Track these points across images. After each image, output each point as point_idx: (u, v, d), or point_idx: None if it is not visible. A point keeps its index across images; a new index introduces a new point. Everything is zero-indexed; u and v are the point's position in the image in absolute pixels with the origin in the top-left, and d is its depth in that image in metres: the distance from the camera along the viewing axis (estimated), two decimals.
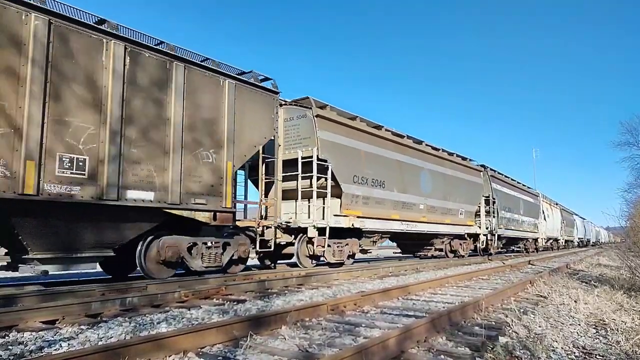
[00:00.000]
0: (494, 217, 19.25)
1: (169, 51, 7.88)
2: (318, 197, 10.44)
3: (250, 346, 3.53)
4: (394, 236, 14.30)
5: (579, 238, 43.87)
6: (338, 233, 10.77)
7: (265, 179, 10.09)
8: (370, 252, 13.61)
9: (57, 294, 5.84)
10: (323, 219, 10.47)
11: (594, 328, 4.67)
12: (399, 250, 17.31)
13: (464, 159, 18.06)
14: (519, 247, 25.54)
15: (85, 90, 6.72)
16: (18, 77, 6.03)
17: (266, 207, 10.28)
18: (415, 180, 14.10)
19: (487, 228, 19.04)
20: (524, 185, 26.07)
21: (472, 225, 17.93)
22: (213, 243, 8.52)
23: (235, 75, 9.05)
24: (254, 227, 9.56)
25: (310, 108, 10.75)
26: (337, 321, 4.66)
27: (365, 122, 12.65)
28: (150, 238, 7.77)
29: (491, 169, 20.47)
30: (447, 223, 15.94)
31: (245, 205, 11.17)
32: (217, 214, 8.37)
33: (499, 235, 19.70)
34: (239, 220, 9.45)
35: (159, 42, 7.90)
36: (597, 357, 3.62)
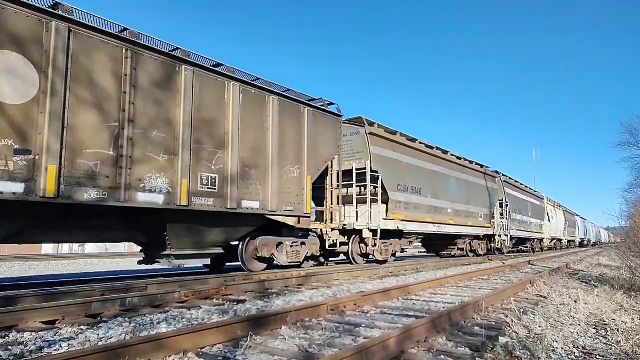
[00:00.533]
0: (506, 219, 20.84)
1: (266, 87, 9.56)
2: (371, 203, 11.94)
3: (250, 346, 3.53)
4: (425, 237, 15.71)
5: (580, 238, 45.44)
6: (383, 234, 12.21)
7: (330, 185, 11.83)
8: (406, 251, 15.49)
9: (57, 294, 5.84)
10: (373, 222, 11.92)
11: (594, 328, 4.67)
12: (424, 250, 18.82)
13: (481, 166, 19.82)
14: (527, 247, 26.79)
15: (216, 125, 8.42)
16: (175, 120, 7.74)
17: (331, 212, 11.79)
18: (444, 187, 15.83)
19: (501, 229, 20.32)
20: (531, 189, 27.94)
21: (489, 227, 19.31)
22: (294, 242, 10.12)
23: (311, 103, 10.71)
24: (322, 229, 11.29)
25: (363, 126, 12.45)
26: (337, 321, 4.66)
27: (404, 136, 14.34)
28: (248, 238, 9.44)
29: (504, 175, 22.23)
30: (469, 225, 17.42)
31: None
32: (300, 218, 10.07)
33: (510, 236, 21.33)
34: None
35: (255, 78, 9.43)
36: (597, 357, 3.62)
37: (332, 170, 11.69)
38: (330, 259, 12.75)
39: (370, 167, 11.88)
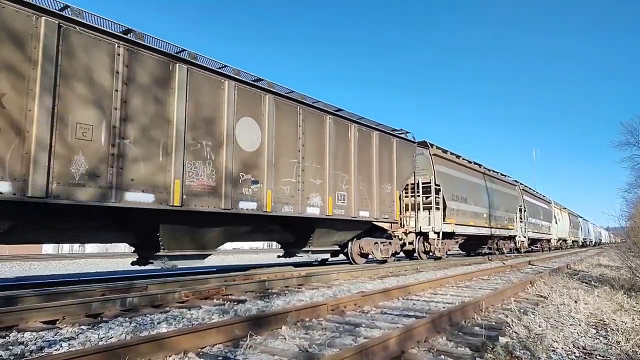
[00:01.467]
0: (524, 222, 24.23)
1: (373, 125, 12.49)
2: (436, 210, 14.63)
3: (250, 346, 3.53)
4: (467, 238, 17.93)
5: (583, 238, 48.66)
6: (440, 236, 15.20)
7: (405, 197, 14.52)
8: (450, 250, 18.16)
9: (57, 294, 5.84)
10: (436, 225, 14.66)
11: (594, 328, 4.67)
12: (460, 250, 21.53)
13: (504, 175, 23.27)
14: (537, 247, 29.97)
15: (345, 158, 11.39)
16: (324, 155, 10.76)
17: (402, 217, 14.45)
18: (481, 196, 19.04)
19: (520, 231, 23.56)
20: (542, 195, 31.81)
21: (512, 229, 22.50)
22: (384, 242, 12.92)
23: (396, 134, 13.54)
24: (402, 231, 14.10)
25: (427, 148, 15.44)
26: (337, 321, 4.66)
27: (453, 154, 17.31)
28: (355, 239, 12.55)
29: (521, 183, 25.97)
30: (498, 227, 20.43)
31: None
32: (392, 224, 13.14)
33: (527, 237, 24.92)
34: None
35: (361, 117, 12.24)
36: (597, 357, 3.62)
37: (408, 185, 14.62)
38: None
39: (434, 182, 14.79)
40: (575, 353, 3.70)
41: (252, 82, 8.98)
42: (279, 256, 12.26)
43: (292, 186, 9.61)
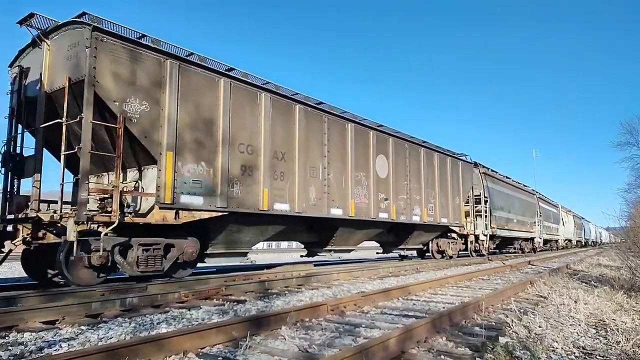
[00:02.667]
0: (540, 225, 28.33)
1: (443, 152, 16.45)
2: (485, 217, 18.65)
3: (250, 346, 3.53)
4: (501, 239, 21.72)
5: (585, 238, 52.73)
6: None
7: (465, 205, 17.84)
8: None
9: (57, 294, 5.84)
10: (487, 230, 18.70)
11: (594, 328, 4.67)
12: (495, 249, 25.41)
13: (525, 185, 27.62)
14: (547, 247, 33.63)
15: (430, 179, 15.29)
16: (422, 175, 15.11)
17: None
18: (512, 204, 23.15)
19: (537, 233, 27.62)
20: (551, 200, 35.82)
21: (532, 232, 26.66)
22: (452, 242, 16.90)
23: (461, 158, 17.59)
24: (465, 233, 17.81)
25: (478, 167, 19.34)
26: (337, 321, 4.66)
27: (494, 171, 21.60)
28: (433, 239, 16.35)
29: (538, 192, 30.39)
30: (523, 231, 24.65)
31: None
32: (460, 228, 17.02)
33: (542, 239, 29.28)
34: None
35: (437, 145, 16.04)
36: (597, 357, 3.62)
37: (468, 197, 18.39)
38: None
39: (483, 194, 18.75)
40: (575, 353, 3.70)
41: (340, 114, 11.76)
42: (377, 252, 17.59)
43: (404, 201, 13.67)
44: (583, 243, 49.78)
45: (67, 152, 6.85)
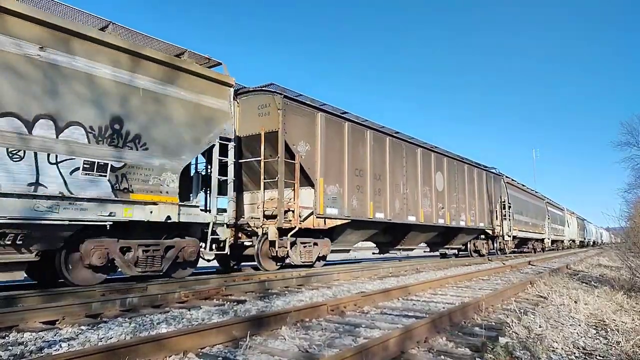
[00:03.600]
0: (549, 227, 31.86)
1: (479, 166, 19.46)
2: (509, 221, 21.63)
3: (250, 346, 3.53)
4: (520, 240, 25.25)
5: (587, 239, 56.05)
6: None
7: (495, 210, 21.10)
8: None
9: (57, 294, 5.84)
10: (511, 231, 21.82)
11: (594, 328, 4.67)
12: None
13: (536, 192, 31.42)
14: (554, 246, 35.94)
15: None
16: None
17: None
18: (527, 208, 26.80)
19: (547, 235, 31.30)
20: (558, 204, 38.81)
21: (543, 234, 30.45)
22: (486, 242, 20.29)
23: (491, 171, 20.90)
24: (496, 234, 20.81)
25: (502, 177, 22.39)
26: (337, 322, 4.66)
27: (514, 181, 25.18)
28: (471, 240, 19.49)
29: (547, 197, 33.67)
30: (535, 232, 28.36)
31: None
32: (492, 230, 20.02)
33: (551, 239, 33.02)
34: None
35: (465, 157, 18.69)
36: (597, 357, 3.62)
37: (497, 204, 21.21)
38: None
39: (507, 201, 21.87)
40: (575, 353, 3.70)
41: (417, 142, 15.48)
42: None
43: (454, 209, 16.77)
44: (585, 243, 53.41)
45: (267, 180, 10.01)
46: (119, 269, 7.43)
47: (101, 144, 7.04)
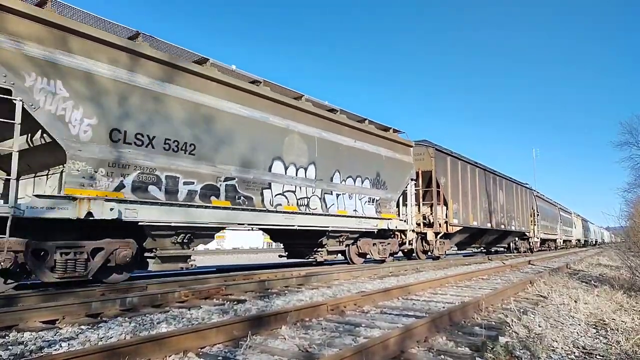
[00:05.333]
0: (561, 229, 37.18)
1: (514, 181, 24.19)
2: (537, 225, 27.53)
3: (250, 346, 3.53)
4: (542, 240, 30.28)
5: (590, 238, 60.44)
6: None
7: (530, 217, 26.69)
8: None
9: (57, 294, 5.84)
10: (536, 233, 27.47)
11: (594, 328, 4.67)
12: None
13: (550, 199, 35.80)
14: (564, 245, 40.32)
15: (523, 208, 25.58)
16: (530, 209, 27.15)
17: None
18: (547, 214, 32.00)
19: (559, 236, 36.61)
20: (567, 208, 43.78)
21: (556, 235, 35.37)
22: (525, 242, 26.46)
23: (524, 185, 25.60)
24: (533, 236, 26.78)
25: (532, 190, 27.84)
26: (337, 321, 4.66)
27: (539, 192, 30.66)
28: (515, 240, 25.66)
29: (559, 203, 38.82)
30: (552, 234, 33.60)
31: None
32: (528, 232, 25.35)
33: (562, 240, 38.66)
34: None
35: (511, 177, 23.99)
36: (597, 357, 3.62)
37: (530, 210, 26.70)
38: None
39: (536, 210, 27.73)
40: (575, 353, 3.70)
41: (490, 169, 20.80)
42: (474, 251, 24.83)
43: (507, 217, 21.79)
44: (589, 242, 58.70)
45: (424, 202, 15.20)
46: (369, 256, 12.81)
47: (374, 188, 12.57)
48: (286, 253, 12.19)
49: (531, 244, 26.97)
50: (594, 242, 62.33)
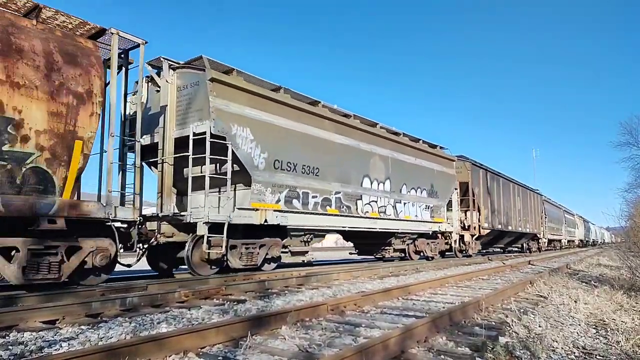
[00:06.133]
0: (566, 231, 40.70)
1: (527, 187, 27.84)
2: (545, 227, 31.62)
3: (250, 346, 3.53)
4: (549, 240, 33.36)
5: (592, 239, 63.67)
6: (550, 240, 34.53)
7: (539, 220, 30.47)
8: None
9: (57, 294, 5.84)
10: (544, 234, 31.84)
11: (594, 328, 4.67)
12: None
13: (557, 202, 39.07)
14: (567, 245, 43.21)
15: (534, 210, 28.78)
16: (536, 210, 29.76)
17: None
18: (553, 217, 34.91)
19: (565, 236, 40.23)
20: (570, 210, 47.28)
21: (561, 235, 38.57)
22: (535, 243, 30.04)
23: (535, 191, 30.00)
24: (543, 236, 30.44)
25: (541, 195, 31.29)
26: (337, 321, 4.66)
27: (546, 196, 34.13)
28: (525, 241, 28.28)
29: (563, 206, 42.08)
30: (557, 235, 36.49)
31: None
32: (539, 234, 29.45)
33: (566, 240, 41.89)
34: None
35: (538, 189, 29.85)
36: (597, 357, 3.62)
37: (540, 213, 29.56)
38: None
39: (545, 213, 30.33)
40: (575, 353, 3.70)
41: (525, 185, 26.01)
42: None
43: (523, 221, 24.51)
44: (590, 242, 61.94)
45: (462, 208, 18.10)
46: (423, 253, 15.49)
47: (429, 197, 15.15)
48: (356, 251, 14.94)
49: (540, 244, 29.93)
50: (593, 243, 64.43)
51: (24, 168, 6.01)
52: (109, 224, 6.82)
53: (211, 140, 8.19)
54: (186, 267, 8.54)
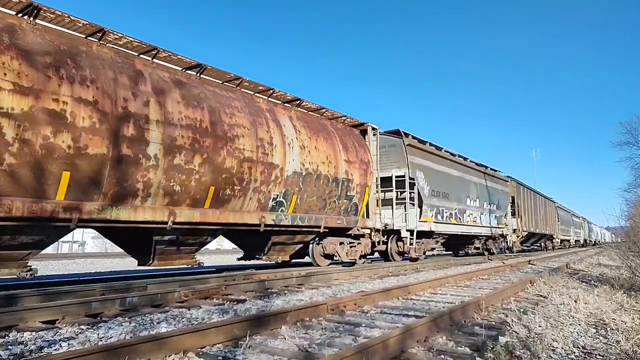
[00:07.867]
0: (573, 232, 44.87)
1: (545, 195, 33.53)
2: (558, 228, 37.17)
3: (250, 346, 3.53)
4: (561, 240, 37.60)
5: (594, 239, 67.59)
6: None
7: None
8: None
9: (57, 294, 5.84)
10: (558, 234, 38.13)
11: (594, 328, 4.67)
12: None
13: (566, 207, 43.11)
14: (574, 244, 46.40)
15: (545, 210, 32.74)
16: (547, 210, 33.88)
17: None
18: (563, 220, 38.21)
19: (573, 236, 44.57)
20: (576, 212, 51.68)
21: (570, 236, 42.20)
22: (551, 242, 35.31)
23: (545, 196, 33.41)
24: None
25: (555, 202, 36.91)
26: (337, 321, 4.66)
27: (557, 202, 37.58)
28: (544, 240, 34.19)
29: (571, 210, 46.61)
30: (566, 235, 39.88)
31: None
32: (555, 234, 36.02)
33: (573, 240, 45.53)
34: None
35: (551, 197, 34.79)
36: (597, 356, 3.62)
37: (554, 217, 34.47)
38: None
39: (557, 216, 35.34)
40: (575, 352, 3.70)
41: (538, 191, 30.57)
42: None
43: (544, 223, 29.66)
44: (592, 242, 65.60)
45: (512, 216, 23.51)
46: (490, 250, 20.19)
47: (496, 209, 20.42)
48: (442, 248, 19.32)
49: (554, 242, 34.78)
50: (595, 242, 67.90)
51: (351, 202, 11.38)
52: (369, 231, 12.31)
53: (409, 180, 13.05)
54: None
